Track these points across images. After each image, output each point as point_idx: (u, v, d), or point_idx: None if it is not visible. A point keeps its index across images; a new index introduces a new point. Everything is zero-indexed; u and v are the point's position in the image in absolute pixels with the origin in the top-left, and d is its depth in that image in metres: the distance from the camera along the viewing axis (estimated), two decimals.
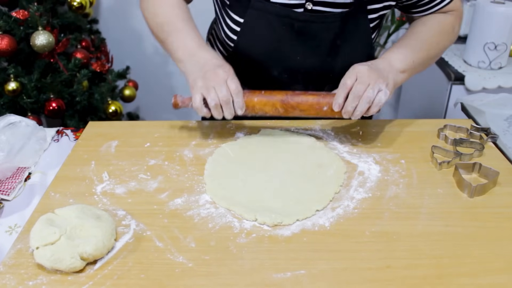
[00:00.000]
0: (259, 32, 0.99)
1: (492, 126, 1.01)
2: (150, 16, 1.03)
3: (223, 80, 0.88)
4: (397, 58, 0.96)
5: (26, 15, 1.71)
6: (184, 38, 0.96)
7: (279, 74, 1.04)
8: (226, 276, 0.66)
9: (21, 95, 1.73)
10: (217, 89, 0.87)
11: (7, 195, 0.86)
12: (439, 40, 1.03)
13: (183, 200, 0.81)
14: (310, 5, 0.95)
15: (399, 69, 0.95)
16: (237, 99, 0.88)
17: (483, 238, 0.72)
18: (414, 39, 1.00)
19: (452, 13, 1.05)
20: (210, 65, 0.91)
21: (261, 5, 0.95)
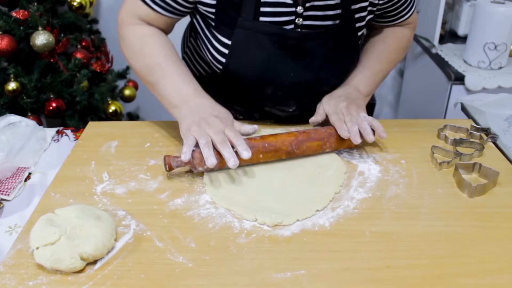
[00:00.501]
0: (249, 52, 0.94)
1: (492, 126, 1.01)
2: (135, 56, 0.96)
3: (219, 129, 0.83)
4: (363, 83, 1.02)
5: (26, 15, 1.71)
6: (177, 82, 0.92)
7: (272, 92, 1.01)
8: (226, 276, 0.66)
9: (21, 95, 1.73)
10: (211, 134, 0.82)
11: (7, 195, 0.86)
12: (396, 57, 1.09)
13: (183, 200, 0.81)
14: (300, 20, 0.92)
15: (365, 93, 1.02)
16: (238, 142, 0.81)
17: (483, 238, 0.72)
18: (375, 60, 1.05)
19: (409, 26, 1.09)
20: (206, 112, 0.87)
21: (250, 24, 0.91)
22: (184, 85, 0.92)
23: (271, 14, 0.91)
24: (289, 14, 0.91)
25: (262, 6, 0.90)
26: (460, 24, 2.04)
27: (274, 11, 0.91)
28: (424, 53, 2.05)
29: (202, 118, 0.86)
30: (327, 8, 0.92)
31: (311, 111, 1.04)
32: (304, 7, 0.91)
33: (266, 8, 0.90)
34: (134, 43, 0.96)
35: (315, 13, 0.92)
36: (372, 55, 1.06)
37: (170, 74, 0.93)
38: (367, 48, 1.08)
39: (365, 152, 0.94)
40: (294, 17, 0.92)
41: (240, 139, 0.83)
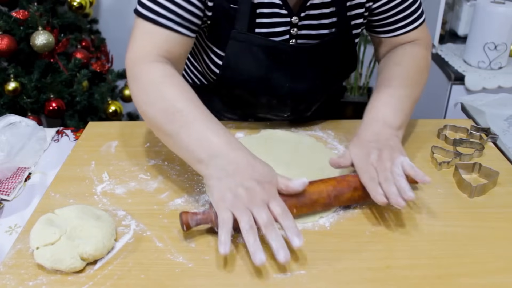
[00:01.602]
0: (243, 64, 0.92)
1: (492, 126, 1.01)
2: (149, 100, 0.78)
3: (263, 203, 0.67)
4: (391, 114, 0.85)
5: (26, 15, 1.71)
6: (204, 131, 0.73)
7: (268, 101, 0.99)
8: (226, 276, 0.66)
9: (21, 95, 1.73)
10: (254, 212, 0.66)
11: (7, 195, 0.86)
12: (421, 79, 0.95)
13: (183, 200, 0.81)
14: (295, 30, 0.91)
15: (396, 127, 0.84)
16: (287, 224, 0.66)
17: (483, 238, 0.72)
18: (397, 85, 0.89)
19: (421, 43, 0.98)
20: (245, 175, 0.69)
21: (244, 37, 0.88)
22: (213, 134, 0.73)
23: (266, 25, 0.90)
24: (284, 25, 0.90)
25: (257, 17, 0.89)
26: (460, 24, 2.04)
27: (269, 22, 0.90)
28: None
29: (240, 184, 0.68)
30: (322, 16, 0.91)
31: (306, 116, 1.05)
32: (299, 17, 0.90)
33: (261, 19, 0.89)
34: (150, 84, 0.79)
35: (310, 22, 0.91)
36: (390, 81, 0.90)
37: (194, 121, 0.74)
38: (383, 76, 0.94)
39: None
40: (289, 27, 0.90)
41: (289, 219, 0.67)
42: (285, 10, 0.89)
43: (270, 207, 0.68)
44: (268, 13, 0.89)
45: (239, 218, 0.66)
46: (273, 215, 0.67)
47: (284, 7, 0.88)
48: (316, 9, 0.90)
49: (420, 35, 0.99)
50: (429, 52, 1.00)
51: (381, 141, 0.80)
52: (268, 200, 0.68)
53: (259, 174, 0.70)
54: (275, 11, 0.89)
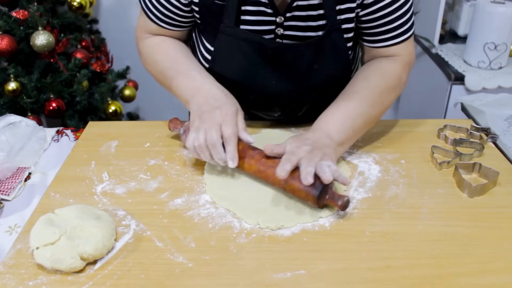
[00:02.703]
0: (231, 58, 0.94)
1: (492, 126, 1.01)
2: (151, 67, 1.00)
3: (217, 123, 0.81)
4: (336, 129, 0.85)
5: (26, 15, 1.71)
6: (185, 79, 0.92)
7: (255, 98, 1.00)
8: (226, 276, 0.66)
9: (21, 95, 1.73)
10: (207, 131, 0.81)
11: (7, 195, 0.86)
12: (383, 99, 0.92)
13: (183, 200, 0.81)
14: (281, 30, 0.90)
15: (338, 142, 0.85)
16: (228, 147, 0.80)
17: (483, 238, 0.72)
18: (353, 101, 0.89)
19: (399, 60, 0.94)
20: (208, 105, 0.85)
21: (232, 31, 0.90)
22: (193, 78, 0.91)
23: (251, 22, 0.90)
24: (269, 24, 0.90)
25: (242, 14, 0.89)
26: (460, 24, 2.04)
27: (254, 20, 0.90)
28: (424, 53, 2.05)
29: (204, 111, 0.85)
30: (309, 19, 0.90)
31: (297, 116, 1.04)
32: (284, 17, 0.89)
33: (246, 17, 0.90)
34: (148, 53, 1.00)
35: (296, 23, 0.90)
36: (349, 95, 0.90)
37: (180, 71, 0.94)
38: (347, 87, 0.93)
39: (365, 152, 0.94)
40: (274, 26, 0.90)
41: (232, 145, 0.80)
42: (270, 9, 0.89)
43: (221, 128, 0.81)
44: (253, 10, 0.89)
45: (195, 138, 0.82)
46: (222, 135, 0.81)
47: (270, 6, 0.88)
48: (302, 10, 0.89)
49: (402, 52, 0.94)
50: (406, 71, 0.95)
51: (319, 143, 0.81)
52: (221, 122, 0.82)
53: (219, 103, 0.85)
54: (260, 9, 0.89)
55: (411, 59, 0.97)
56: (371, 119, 0.91)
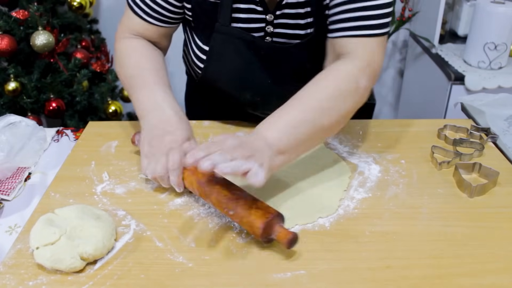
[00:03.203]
0: (226, 57, 0.93)
1: (492, 126, 1.01)
2: (121, 70, 0.95)
3: (164, 151, 0.79)
4: (275, 136, 0.74)
5: (26, 15, 1.71)
6: (146, 93, 0.88)
7: (251, 97, 1.00)
8: (226, 276, 0.66)
9: (21, 95, 1.73)
10: (156, 160, 0.79)
11: (7, 195, 0.86)
12: (336, 105, 0.79)
13: (183, 200, 0.81)
14: (270, 28, 0.90)
15: (277, 150, 0.74)
16: (171, 177, 0.78)
17: (483, 238, 0.72)
18: (297, 106, 0.78)
19: (358, 62, 0.81)
20: (159, 129, 0.82)
21: (226, 29, 0.89)
22: (153, 94, 0.87)
23: (242, 20, 0.90)
24: (259, 21, 0.90)
25: (234, 12, 0.89)
26: (460, 24, 2.04)
27: (245, 18, 0.90)
28: (424, 53, 2.05)
29: (154, 136, 0.82)
30: (298, 16, 0.89)
31: None
32: (274, 15, 0.89)
33: (238, 14, 0.90)
34: (121, 56, 0.95)
35: (286, 21, 0.90)
36: (295, 101, 0.79)
37: (144, 84, 0.89)
38: (298, 92, 0.81)
39: (365, 152, 0.94)
40: (264, 24, 0.90)
41: (173, 173, 0.77)
42: (260, 7, 0.89)
43: (168, 156, 0.78)
44: (245, 8, 0.89)
45: (146, 165, 0.81)
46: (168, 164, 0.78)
47: (260, 4, 0.88)
48: (291, 8, 0.89)
49: (360, 50, 0.82)
50: (366, 74, 0.81)
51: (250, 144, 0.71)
52: (169, 150, 0.79)
53: (171, 128, 0.82)
54: (251, 7, 0.89)
55: (373, 63, 0.82)
56: (322, 127, 0.79)
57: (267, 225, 0.67)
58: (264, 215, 0.68)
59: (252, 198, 0.72)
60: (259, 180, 0.67)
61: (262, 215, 0.68)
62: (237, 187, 0.74)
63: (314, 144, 0.84)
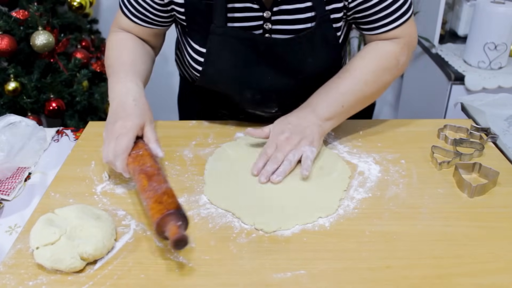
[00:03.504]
0: (224, 58, 0.93)
1: (492, 126, 1.01)
2: (105, 61, 0.99)
3: (114, 136, 0.81)
4: (323, 105, 0.91)
5: (26, 15, 1.71)
6: (116, 81, 0.91)
7: (252, 96, 1.00)
8: (226, 276, 0.66)
9: (21, 95, 1.73)
10: (107, 145, 0.82)
11: (7, 195, 0.86)
12: (378, 77, 0.93)
13: (183, 200, 0.81)
14: (269, 25, 0.90)
15: (324, 118, 0.90)
16: (116, 163, 0.80)
17: (483, 238, 0.72)
18: (346, 78, 0.92)
19: (399, 41, 0.94)
20: (116, 115, 0.85)
21: (223, 30, 0.89)
22: (122, 82, 0.90)
23: (239, 19, 0.90)
24: (256, 19, 0.90)
25: (230, 11, 0.89)
26: (460, 24, 2.04)
27: (241, 16, 0.90)
28: (424, 53, 2.05)
29: (110, 122, 0.85)
30: (297, 11, 0.89)
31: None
32: (271, 11, 0.89)
33: (234, 14, 0.90)
34: (107, 47, 0.99)
35: (284, 17, 0.90)
36: (343, 73, 0.93)
37: (117, 72, 0.92)
38: (345, 66, 0.96)
39: (365, 152, 0.94)
40: (262, 22, 0.90)
41: (117, 159, 0.80)
42: (256, 5, 0.89)
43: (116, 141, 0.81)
44: (240, 7, 0.89)
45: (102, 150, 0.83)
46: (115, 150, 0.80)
47: (256, 1, 0.88)
48: (289, 4, 0.89)
49: (401, 33, 0.94)
50: (405, 52, 0.95)
51: (300, 126, 0.89)
52: (118, 135, 0.81)
53: (125, 114, 0.84)
54: (247, 5, 0.89)
55: (411, 40, 0.96)
56: (365, 97, 0.93)
57: (162, 221, 0.66)
58: (161, 210, 0.67)
59: (165, 191, 0.71)
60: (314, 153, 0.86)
61: (159, 210, 0.67)
62: (161, 178, 0.74)
63: (356, 110, 0.95)
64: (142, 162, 0.78)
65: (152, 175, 0.75)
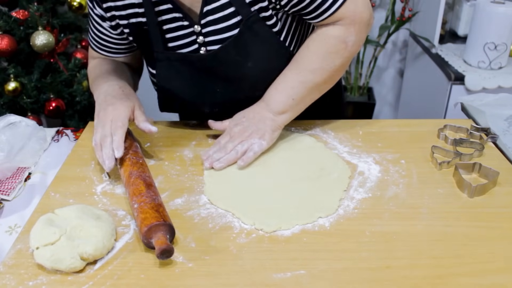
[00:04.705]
0: (172, 79, 0.97)
1: (492, 126, 1.01)
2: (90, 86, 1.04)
3: (108, 119, 0.86)
4: (276, 99, 0.93)
5: (26, 15, 1.71)
6: (99, 84, 0.97)
7: (211, 110, 1.02)
8: (226, 276, 0.66)
9: (21, 95, 1.73)
10: (102, 126, 0.86)
11: (7, 195, 0.86)
12: (325, 64, 0.91)
13: (183, 200, 0.81)
14: (201, 38, 0.91)
15: (277, 111, 0.93)
16: (114, 137, 0.84)
17: (483, 238, 0.72)
18: (294, 70, 0.92)
19: (343, 23, 0.89)
20: (105, 103, 0.90)
21: (164, 56, 0.93)
22: (103, 87, 0.95)
23: (174, 39, 0.92)
24: (189, 35, 0.92)
25: (166, 33, 0.92)
26: (460, 24, 2.04)
27: (176, 36, 0.92)
28: (424, 53, 2.05)
29: (101, 110, 0.89)
30: (223, 19, 0.89)
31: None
32: (200, 24, 0.90)
33: (170, 34, 0.92)
34: (88, 76, 1.06)
35: (213, 28, 0.90)
36: (291, 64, 0.93)
37: (99, 79, 0.98)
38: (293, 58, 0.95)
39: (365, 152, 0.94)
40: (195, 37, 0.92)
41: (117, 133, 0.84)
42: (186, 21, 0.90)
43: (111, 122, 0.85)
44: (173, 27, 0.91)
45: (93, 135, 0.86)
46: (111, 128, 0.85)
47: (184, 18, 0.90)
48: (214, 14, 0.89)
49: (344, 14, 0.88)
50: (351, 31, 0.89)
51: (253, 120, 0.93)
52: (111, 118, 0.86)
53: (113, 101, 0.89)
54: (178, 24, 0.91)
55: (357, 17, 0.89)
56: (315, 84, 0.93)
57: (155, 227, 0.68)
58: (157, 218, 0.69)
59: (161, 204, 0.74)
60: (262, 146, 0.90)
61: (155, 217, 0.70)
62: (157, 191, 0.78)
63: (313, 99, 0.96)
64: (142, 170, 0.82)
65: (149, 184, 0.78)
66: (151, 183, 0.79)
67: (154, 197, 0.75)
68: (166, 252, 0.66)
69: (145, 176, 0.80)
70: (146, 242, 0.69)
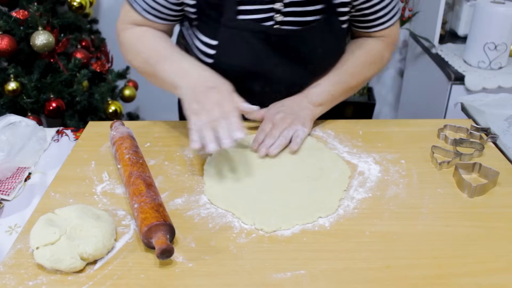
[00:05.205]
0: (235, 51, 0.95)
1: (492, 126, 1.01)
2: (133, 57, 0.99)
3: (215, 102, 0.82)
4: (315, 92, 1.00)
5: (26, 15, 1.71)
6: (171, 63, 0.92)
7: (262, 88, 1.02)
8: (226, 276, 0.66)
9: (21, 95, 1.73)
10: (209, 111, 0.81)
11: (7, 195, 0.86)
12: (364, 71, 1.04)
13: (183, 200, 0.81)
14: (280, 16, 0.93)
15: (316, 103, 1.00)
16: (232, 119, 0.80)
17: (483, 238, 0.72)
18: (337, 69, 1.02)
19: (384, 40, 1.05)
20: (203, 86, 0.85)
21: (234, 23, 0.92)
22: (178, 62, 0.91)
23: (250, 12, 0.92)
24: (267, 11, 0.92)
25: (240, 4, 0.91)
26: (460, 24, 2.04)
27: (252, 9, 0.92)
28: (424, 53, 2.05)
29: (200, 92, 0.84)
30: (307, 3, 0.93)
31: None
32: (284, 3, 0.91)
33: (244, 6, 0.91)
34: (130, 44, 1.00)
35: (295, 9, 0.93)
36: (337, 66, 1.03)
37: (165, 57, 0.93)
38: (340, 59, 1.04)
39: (365, 152, 0.94)
40: (273, 13, 0.93)
41: (234, 116, 0.80)
42: None
43: (222, 105, 0.81)
44: (252, 0, 0.91)
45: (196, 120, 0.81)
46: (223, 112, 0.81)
47: None
48: None
49: (389, 33, 1.04)
50: (389, 49, 1.06)
51: (293, 109, 0.97)
52: (220, 100, 0.82)
53: (213, 84, 0.85)
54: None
55: (395, 39, 1.07)
56: (350, 87, 1.04)
57: (156, 227, 0.68)
58: (157, 218, 0.69)
59: (161, 204, 0.74)
60: (305, 133, 0.95)
61: (156, 217, 0.69)
62: (157, 192, 0.78)
63: (342, 99, 1.05)
64: (142, 170, 0.82)
65: (150, 184, 0.78)
66: (151, 183, 0.79)
67: (154, 197, 0.75)
68: (166, 252, 0.66)
69: (145, 176, 0.80)
70: (146, 242, 0.70)
